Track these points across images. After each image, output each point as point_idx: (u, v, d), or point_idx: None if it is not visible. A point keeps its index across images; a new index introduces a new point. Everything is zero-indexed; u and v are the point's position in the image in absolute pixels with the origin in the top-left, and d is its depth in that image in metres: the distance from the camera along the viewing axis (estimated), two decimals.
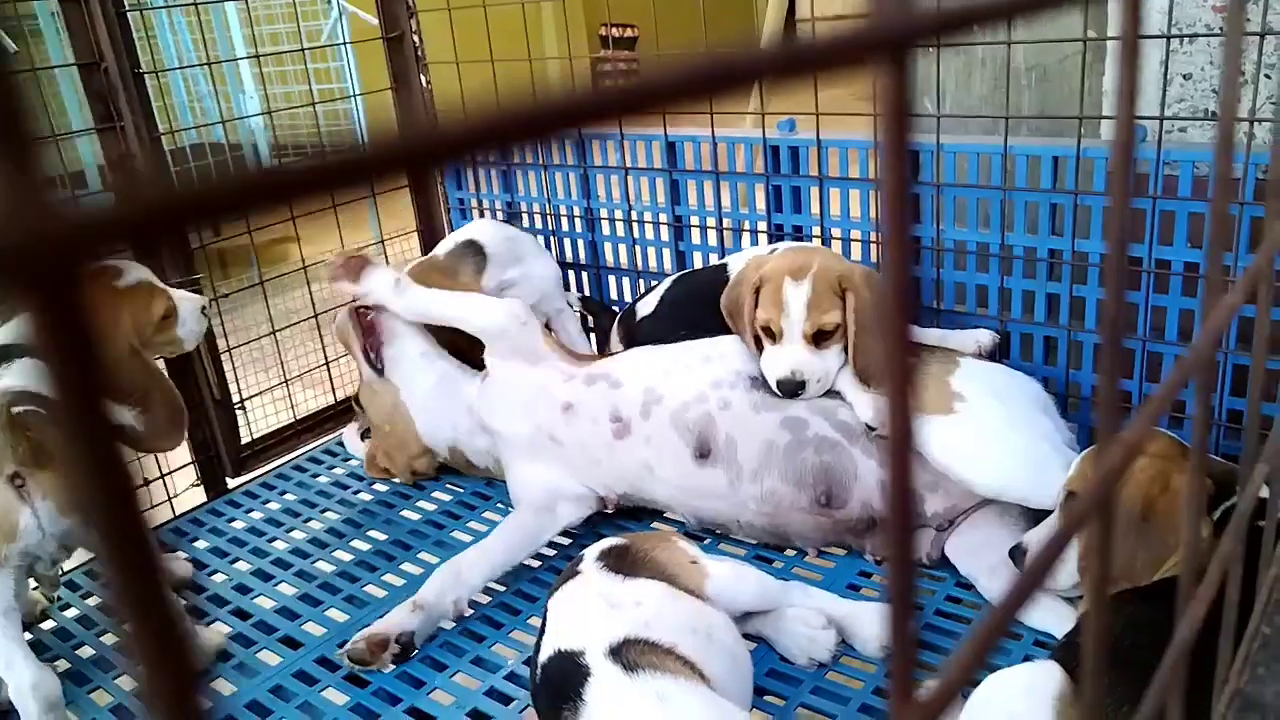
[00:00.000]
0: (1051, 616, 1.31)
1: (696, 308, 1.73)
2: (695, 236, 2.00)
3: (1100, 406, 0.28)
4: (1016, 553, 1.32)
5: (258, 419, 2.13)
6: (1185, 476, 1.14)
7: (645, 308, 1.85)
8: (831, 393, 1.56)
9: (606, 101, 0.17)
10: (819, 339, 1.53)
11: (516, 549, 1.57)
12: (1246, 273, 0.38)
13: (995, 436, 1.42)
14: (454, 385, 1.83)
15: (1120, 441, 0.27)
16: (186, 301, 1.68)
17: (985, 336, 1.62)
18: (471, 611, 1.50)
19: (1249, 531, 0.63)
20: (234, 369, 2.02)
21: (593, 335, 2.18)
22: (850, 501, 1.49)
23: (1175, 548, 1.12)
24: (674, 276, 1.91)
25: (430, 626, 1.45)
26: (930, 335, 1.66)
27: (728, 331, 1.66)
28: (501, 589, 1.55)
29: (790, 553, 1.57)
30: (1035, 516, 1.43)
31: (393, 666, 1.40)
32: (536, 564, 1.61)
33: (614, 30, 5.92)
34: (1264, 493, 0.86)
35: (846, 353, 1.55)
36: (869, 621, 1.34)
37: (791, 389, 1.53)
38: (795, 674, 1.31)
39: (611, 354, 1.80)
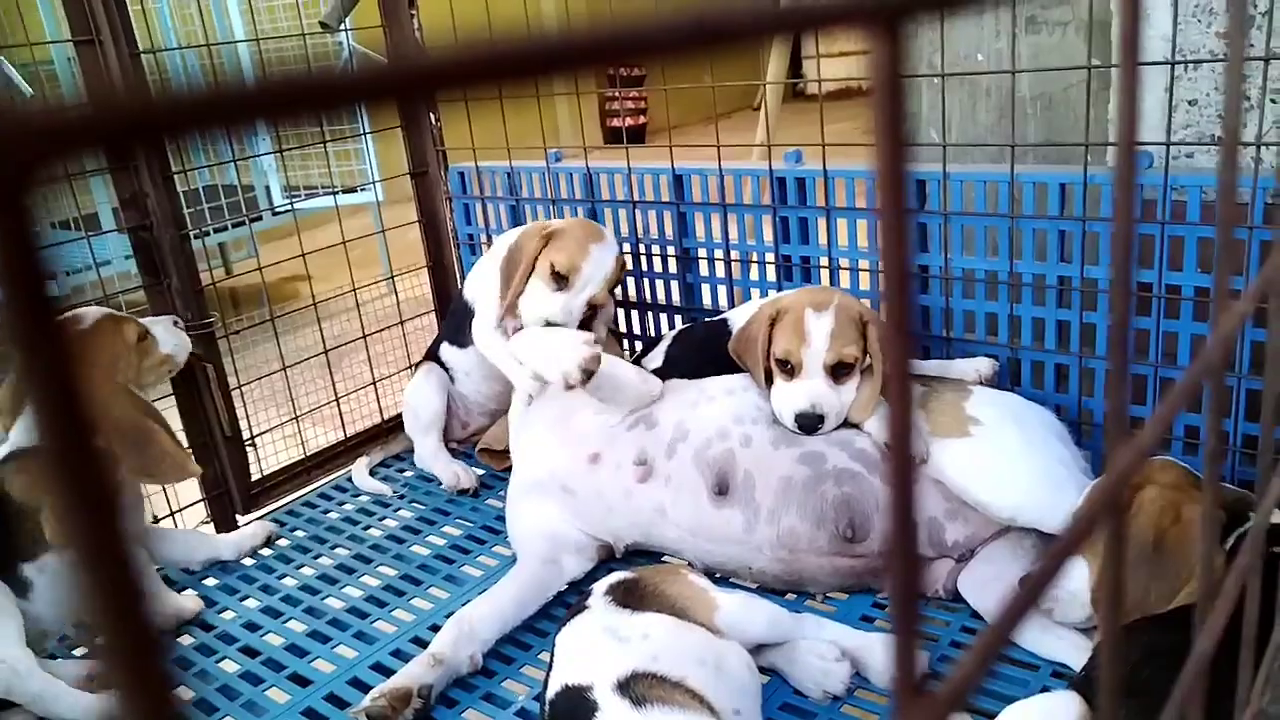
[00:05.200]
0: (1068, 648, 1.29)
1: (700, 361, 1.72)
2: (704, 269, 2.01)
3: (1109, 406, 0.27)
4: (1026, 582, 1.30)
5: (268, 455, 2.13)
6: (1197, 506, 1.13)
7: (652, 363, 1.84)
8: (847, 425, 1.55)
9: (588, 46, 0.17)
10: (838, 373, 1.52)
11: (527, 603, 1.53)
12: (1258, 279, 0.38)
13: (1012, 459, 1.41)
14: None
15: (1132, 445, 0.27)
16: (158, 325, 1.71)
17: (985, 365, 1.62)
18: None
19: (1268, 556, 0.62)
20: (244, 406, 2.02)
21: None
22: (872, 533, 1.47)
23: (1189, 578, 1.11)
24: (674, 332, 1.91)
25: (448, 680, 1.40)
26: (930, 366, 1.65)
27: None
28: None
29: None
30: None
31: None
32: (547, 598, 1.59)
33: (621, 69, 5.97)
34: (1278, 517, 0.85)
35: (860, 386, 1.54)
36: (883, 653, 1.32)
37: (811, 423, 1.51)
38: (809, 707, 1.29)
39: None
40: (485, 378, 2.03)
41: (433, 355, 2.12)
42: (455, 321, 2.08)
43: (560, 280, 1.74)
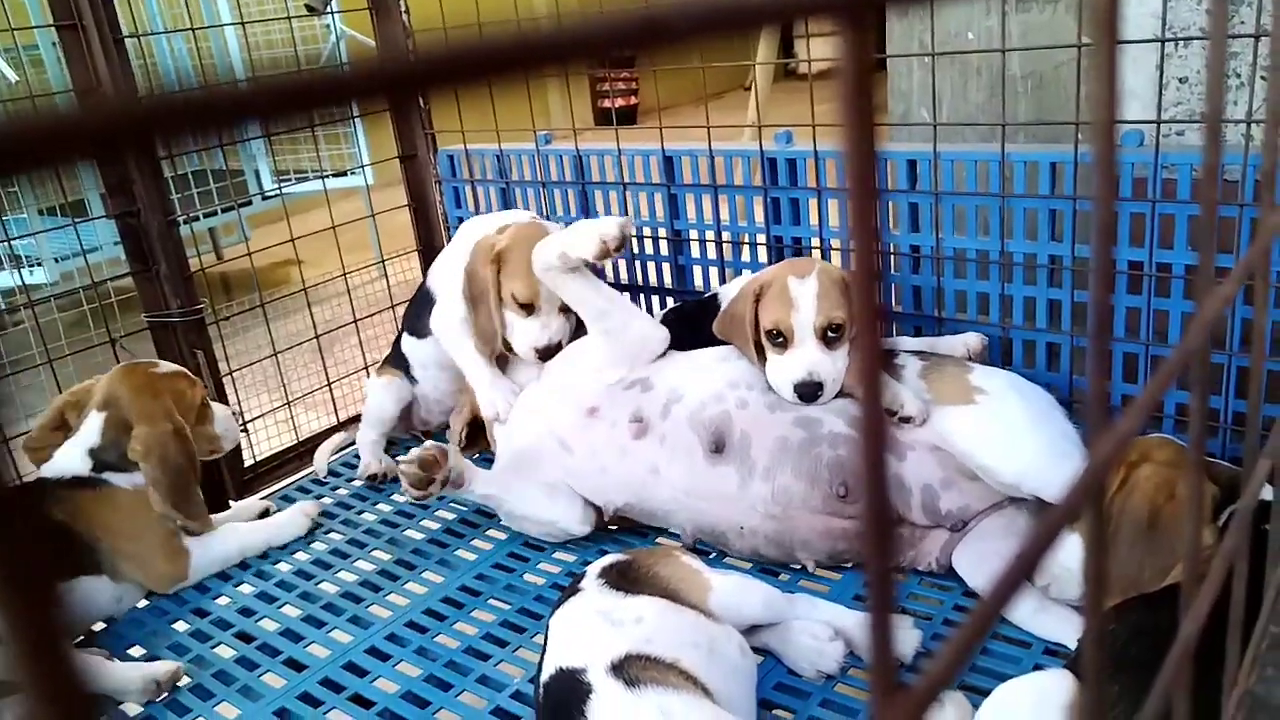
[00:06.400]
0: (1062, 625, 1.30)
1: (693, 338, 1.72)
2: (695, 250, 2.00)
3: (1090, 397, 0.27)
4: (1000, 579, 1.30)
5: (260, 441, 2.13)
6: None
7: None
8: (843, 394, 1.55)
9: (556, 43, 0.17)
10: (829, 338, 1.52)
11: (522, 493, 1.65)
12: (1240, 263, 0.38)
13: (1017, 427, 1.41)
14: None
15: (1113, 432, 0.27)
16: (219, 408, 1.81)
17: (975, 340, 1.62)
18: (475, 631, 1.49)
19: (1256, 533, 0.62)
20: (236, 392, 2.02)
21: None
22: None
23: (1182, 556, 1.11)
24: (665, 311, 1.93)
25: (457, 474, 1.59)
26: (919, 343, 1.66)
27: None
28: (506, 606, 1.54)
29: (796, 567, 1.55)
30: None
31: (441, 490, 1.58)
32: (540, 581, 1.60)
33: None
34: (1268, 494, 0.85)
35: (850, 353, 1.55)
36: None
37: (810, 391, 1.51)
38: (803, 687, 1.30)
39: None
40: (441, 368, 2.00)
41: (395, 352, 2.09)
42: (416, 310, 2.04)
43: (527, 307, 1.78)
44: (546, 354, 1.79)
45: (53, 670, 0.16)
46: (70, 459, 1.62)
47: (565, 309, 1.79)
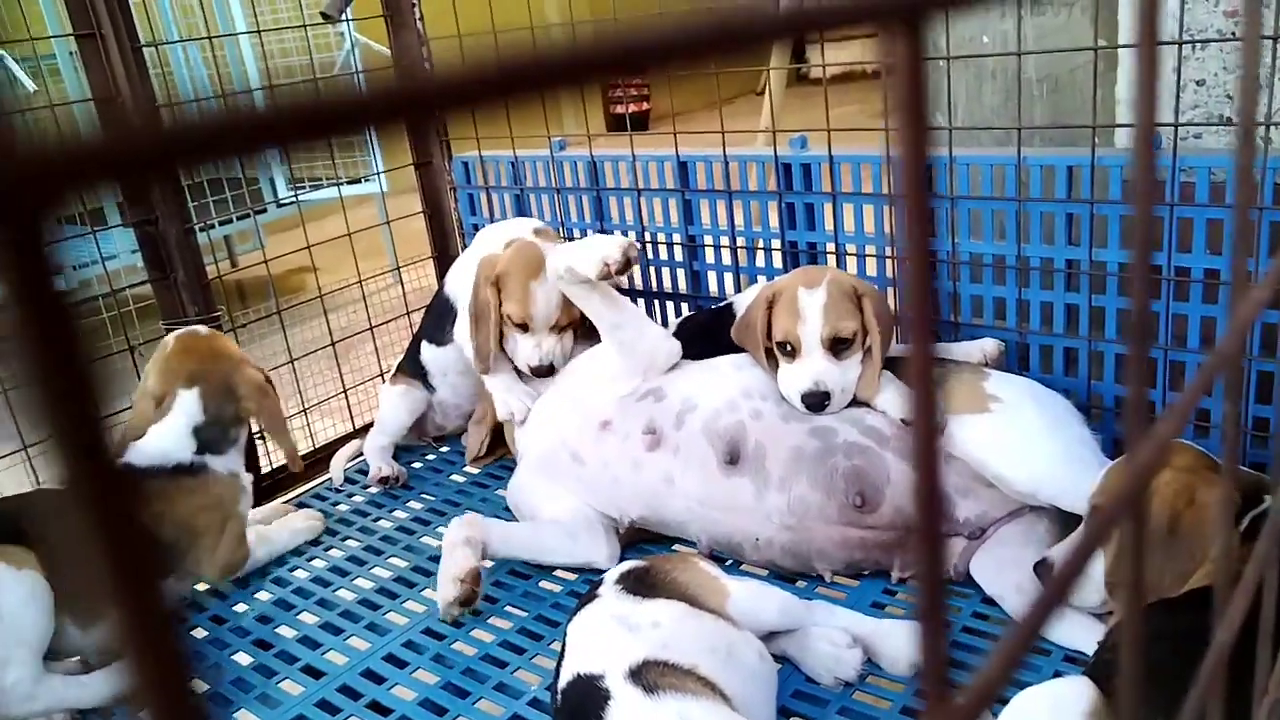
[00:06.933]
0: (1081, 632, 1.29)
1: (706, 346, 1.72)
2: (709, 256, 2.00)
3: (1129, 403, 0.27)
4: (1041, 568, 1.30)
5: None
6: (1211, 489, 1.12)
7: None
8: (856, 402, 1.55)
9: (611, 53, 0.17)
10: (837, 349, 1.52)
11: (538, 539, 1.62)
12: (1274, 268, 0.37)
13: (1032, 435, 1.41)
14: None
15: (1152, 438, 0.26)
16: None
17: (991, 346, 1.62)
18: (492, 638, 1.49)
19: None
20: None
21: None
22: (882, 505, 1.47)
23: (1202, 561, 1.10)
24: (680, 319, 1.94)
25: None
26: (935, 349, 1.65)
27: None
28: (523, 614, 1.54)
29: (813, 575, 1.54)
30: (1063, 534, 1.41)
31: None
32: (557, 588, 1.60)
33: None
34: None
35: (863, 363, 1.54)
36: (895, 640, 1.32)
37: (817, 401, 1.51)
38: (822, 694, 1.29)
39: None
40: (461, 374, 2.03)
41: (412, 359, 2.10)
42: (435, 318, 2.06)
43: (522, 327, 1.81)
44: (539, 372, 1.82)
45: (160, 661, 0.16)
46: (173, 442, 1.62)
47: (562, 329, 1.81)
